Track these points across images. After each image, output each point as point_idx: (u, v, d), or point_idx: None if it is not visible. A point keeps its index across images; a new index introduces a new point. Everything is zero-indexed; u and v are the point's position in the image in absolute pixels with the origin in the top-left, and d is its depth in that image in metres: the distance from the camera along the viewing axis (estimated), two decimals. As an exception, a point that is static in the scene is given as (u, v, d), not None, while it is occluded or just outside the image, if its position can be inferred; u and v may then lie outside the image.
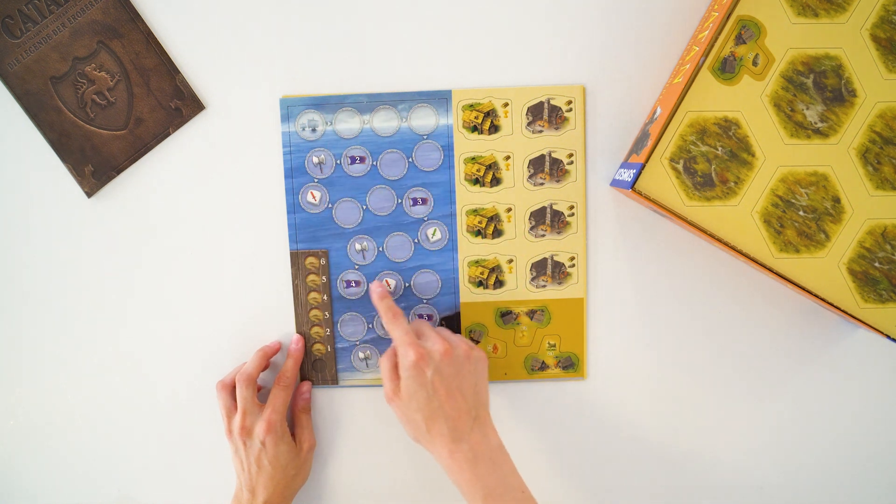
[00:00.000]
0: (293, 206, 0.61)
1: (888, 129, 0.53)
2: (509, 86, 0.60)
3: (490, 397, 0.57)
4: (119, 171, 0.61)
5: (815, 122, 0.53)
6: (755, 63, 0.52)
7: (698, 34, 0.57)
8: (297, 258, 0.62)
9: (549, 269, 0.62)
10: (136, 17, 0.59)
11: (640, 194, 0.53)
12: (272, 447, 0.58)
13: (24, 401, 0.64)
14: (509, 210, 0.61)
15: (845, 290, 0.55)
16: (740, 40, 0.52)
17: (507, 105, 0.60)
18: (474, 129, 0.60)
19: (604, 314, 0.63)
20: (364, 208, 0.62)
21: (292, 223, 0.62)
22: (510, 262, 0.62)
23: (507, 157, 0.61)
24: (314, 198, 0.61)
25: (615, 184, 0.59)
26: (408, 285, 0.62)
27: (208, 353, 0.63)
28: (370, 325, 0.63)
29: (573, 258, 0.62)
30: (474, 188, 0.61)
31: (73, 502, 0.66)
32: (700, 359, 0.63)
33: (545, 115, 0.60)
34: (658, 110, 0.56)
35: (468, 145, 0.61)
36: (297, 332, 0.63)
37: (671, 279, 0.62)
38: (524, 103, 0.60)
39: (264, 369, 0.62)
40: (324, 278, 0.62)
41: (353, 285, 0.62)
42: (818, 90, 0.53)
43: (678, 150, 0.53)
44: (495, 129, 0.60)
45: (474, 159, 0.61)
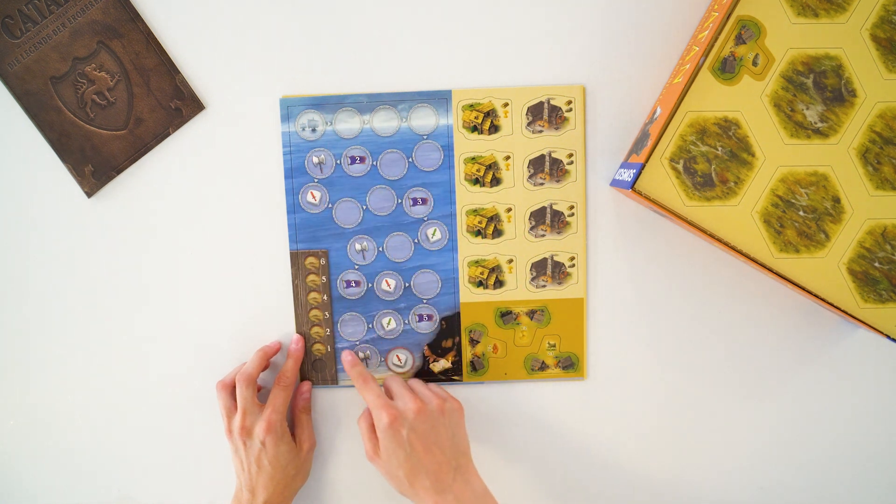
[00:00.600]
0: (293, 206, 0.61)
1: (888, 129, 0.53)
2: (509, 86, 0.60)
3: (470, 444, 0.58)
4: (119, 171, 0.61)
5: (815, 122, 0.53)
6: (755, 63, 0.52)
7: (698, 34, 0.57)
8: (297, 258, 0.62)
9: (549, 269, 0.62)
10: (136, 17, 0.59)
11: (640, 194, 0.53)
12: (272, 447, 0.58)
13: (24, 401, 0.64)
14: (509, 210, 0.61)
15: (845, 290, 0.55)
16: (740, 40, 0.52)
17: (507, 105, 0.60)
18: (474, 129, 0.60)
19: (604, 314, 0.63)
20: (364, 208, 0.62)
21: (292, 223, 0.62)
22: (510, 262, 0.62)
23: (507, 157, 0.61)
24: (314, 198, 0.61)
25: (615, 184, 0.59)
26: (408, 285, 0.62)
27: (208, 353, 0.63)
28: (370, 325, 0.63)
29: (573, 258, 0.62)
30: (474, 188, 0.61)
31: (73, 502, 0.66)
32: (700, 359, 0.63)
33: (545, 115, 0.60)
34: (658, 110, 0.56)
35: (468, 145, 0.61)
36: (297, 332, 0.63)
37: (671, 279, 0.62)
38: (524, 103, 0.60)
39: (264, 369, 0.62)
40: (324, 278, 0.62)
41: (353, 285, 0.62)
42: (818, 90, 0.53)
43: (678, 150, 0.53)
44: (495, 129, 0.60)
45: (474, 159, 0.61)
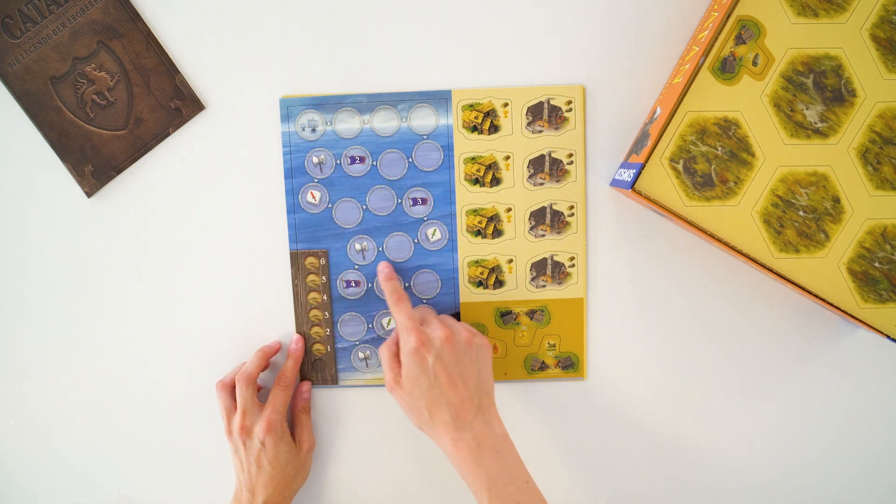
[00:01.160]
0: (293, 206, 0.61)
1: (888, 129, 0.53)
2: (509, 86, 0.60)
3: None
4: (119, 171, 0.61)
5: (815, 122, 0.53)
6: (755, 63, 0.52)
7: (698, 34, 0.57)
8: (297, 258, 0.62)
9: (548, 269, 0.62)
10: (136, 17, 0.59)
11: (639, 194, 0.53)
12: (272, 447, 0.58)
13: (24, 401, 0.64)
14: (509, 210, 0.61)
15: (845, 290, 0.55)
16: (740, 40, 0.52)
17: (506, 105, 0.60)
18: (474, 129, 0.60)
19: (604, 314, 0.63)
20: (364, 208, 0.62)
21: (292, 223, 0.62)
22: (510, 262, 0.62)
23: (507, 157, 0.61)
24: (314, 198, 0.61)
25: (615, 184, 0.59)
26: (408, 285, 0.62)
27: (208, 353, 0.63)
28: (370, 325, 0.63)
29: (573, 258, 0.62)
30: (474, 188, 0.61)
31: (73, 502, 0.66)
32: (700, 359, 0.63)
33: (545, 115, 0.60)
34: (658, 110, 0.56)
35: (468, 145, 0.61)
36: (297, 332, 0.63)
37: (671, 279, 0.62)
38: (524, 103, 0.60)
39: (264, 369, 0.62)
40: (324, 278, 0.62)
41: (353, 285, 0.62)
42: (818, 90, 0.53)
43: (678, 150, 0.53)
44: (495, 129, 0.60)
45: (474, 159, 0.61)
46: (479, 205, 0.61)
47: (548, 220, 0.61)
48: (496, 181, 0.61)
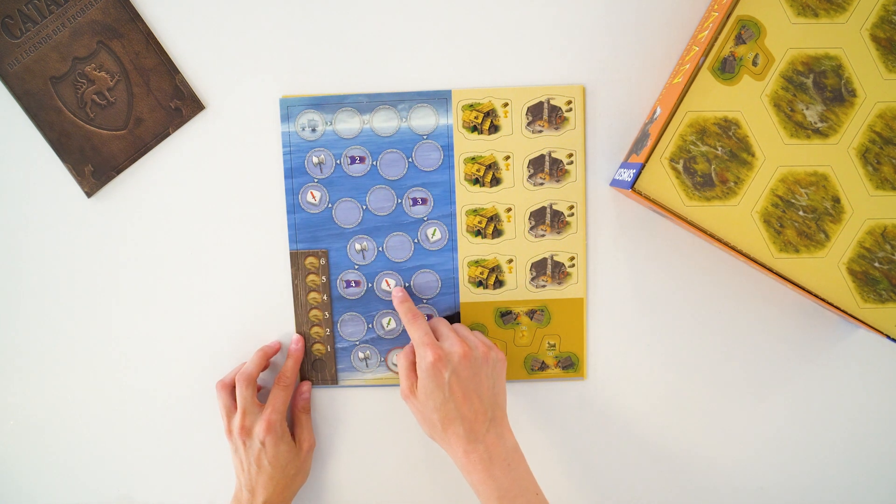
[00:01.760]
0: (293, 206, 0.61)
1: (888, 129, 0.53)
2: (509, 86, 0.60)
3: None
4: (119, 171, 0.61)
5: (815, 122, 0.53)
6: (755, 63, 0.52)
7: (698, 34, 0.57)
8: (296, 258, 0.62)
9: (548, 269, 0.62)
10: (136, 17, 0.59)
11: (639, 194, 0.53)
12: (272, 447, 0.58)
13: (24, 401, 0.64)
14: (509, 210, 0.61)
15: (845, 290, 0.55)
16: (740, 40, 0.52)
17: (506, 105, 0.60)
18: (474, 129, 0.60)
19: (604, 314, 0.63)
20: (364, 208, 0.62)
21: (292, 223, 0.62)
22: (510, 262, 0.62)
23: (507, 157, 0.61)
24: (314, 198, 0.61)
25: (615, 184, 0.59)
26: (408, 285, 0.62)
27: (208, 353, 0.63)
28: (370, 325, 0.63)
29: (573, 258, 0.62)
30: (474, 188, 0.61)
31: (73, 502, 0.66)
32: (700, 359, 0.63)
33: (545, 115, 0.60)
34: (658, 110, 0.56)
35: (468, 145, 0.61)
36: (297, 332, 0.63)
37: (671, 279, 0.62)
38: (524, 103, 0.60)
39: (264, 369, 0.62)
40: (323, 278, 0.62)
41: (353, 285, 0.62)
42: (818, 90, 0.53)
43: (678, 150, 0.53)
44: (495, 129, 0.60)
45: (474, 159, 0.61)
46: (479, 205, 0.61)
47: (548, 220, 0.61)
48: (496, 181, 0.61)
